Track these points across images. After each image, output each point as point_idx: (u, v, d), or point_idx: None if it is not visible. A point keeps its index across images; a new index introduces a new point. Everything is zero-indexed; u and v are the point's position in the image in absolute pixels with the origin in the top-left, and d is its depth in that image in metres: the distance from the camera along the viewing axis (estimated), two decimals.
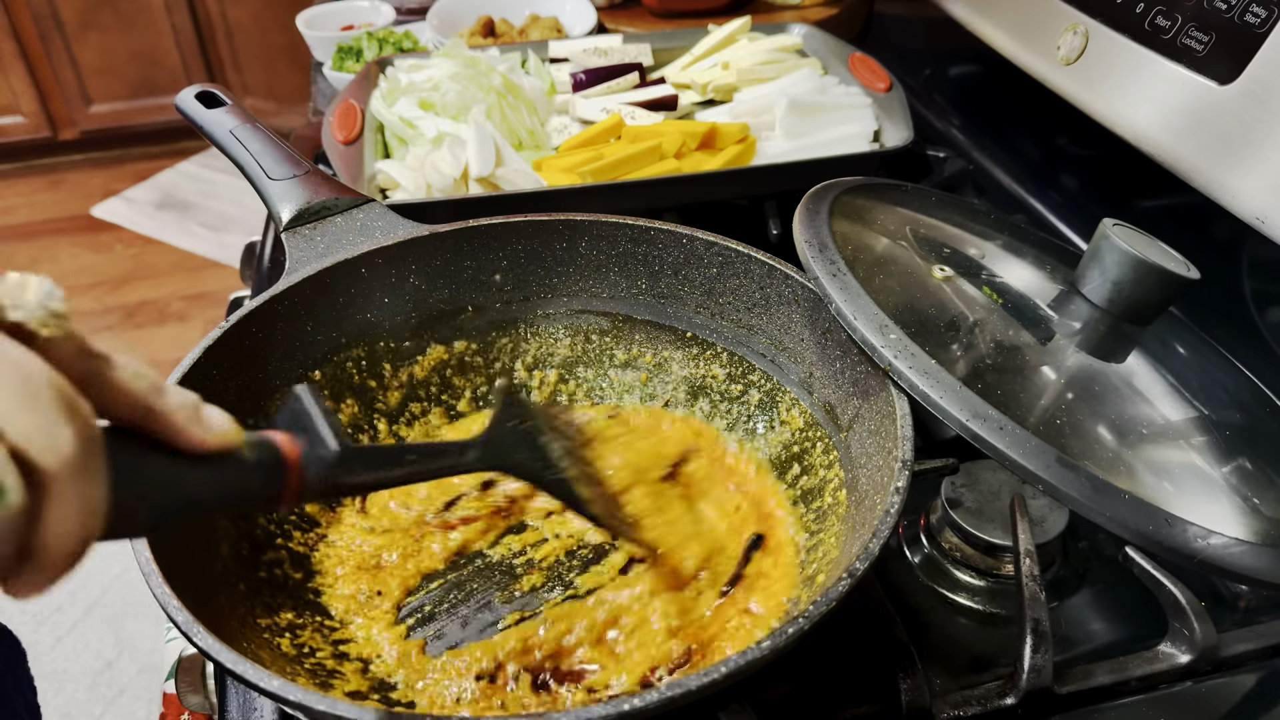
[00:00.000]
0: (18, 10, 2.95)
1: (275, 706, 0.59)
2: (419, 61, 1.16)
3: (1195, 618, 0.60)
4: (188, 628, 0.46)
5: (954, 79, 1.29)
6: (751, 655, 0.45)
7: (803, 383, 0.73)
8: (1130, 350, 0.68)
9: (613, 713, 0.43)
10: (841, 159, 1.00)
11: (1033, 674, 0.57)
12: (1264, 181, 0.72)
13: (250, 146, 0.80)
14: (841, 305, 0.62)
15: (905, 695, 0.56)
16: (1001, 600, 0.68)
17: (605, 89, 1.14)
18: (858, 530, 0.58)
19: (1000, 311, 0.68)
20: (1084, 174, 1.06)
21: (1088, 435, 0.59)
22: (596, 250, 0.79)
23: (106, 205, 3.21)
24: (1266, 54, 0.73)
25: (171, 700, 0.91)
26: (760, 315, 0.75)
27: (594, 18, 1.39)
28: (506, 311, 0.80)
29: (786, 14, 1.40)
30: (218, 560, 0.59)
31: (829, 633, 0.49)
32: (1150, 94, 0.83)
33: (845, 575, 0.48)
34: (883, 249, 0.72)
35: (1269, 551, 0.54)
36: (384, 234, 0.76)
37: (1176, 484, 0.58)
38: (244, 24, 3.16)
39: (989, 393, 0.57)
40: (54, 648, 1.85)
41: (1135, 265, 0.66)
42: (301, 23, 1.44)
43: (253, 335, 0.68)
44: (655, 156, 1.01)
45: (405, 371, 0.77)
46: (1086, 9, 0.91)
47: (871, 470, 0.61)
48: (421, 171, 0.98)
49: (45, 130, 3.22)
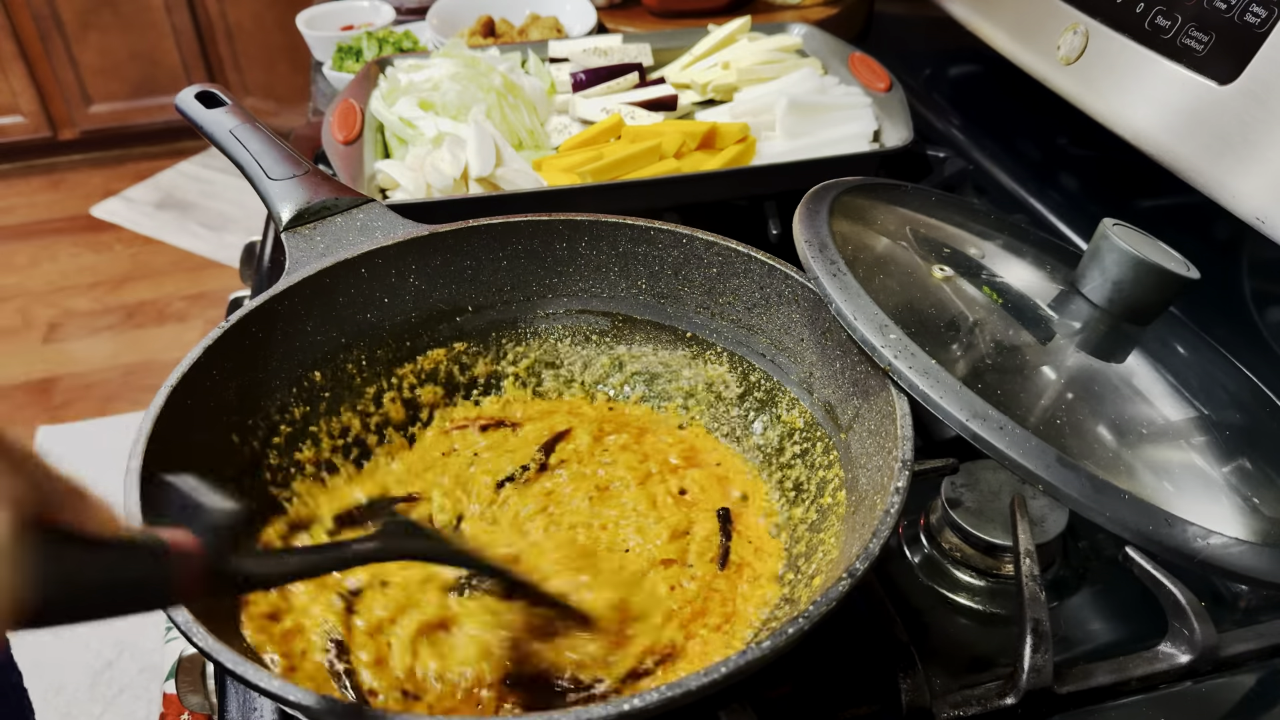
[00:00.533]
0: (17, 10, 2.95)
1: (275, 706, 0.59)
2: (419, 61, 1.16)
3: (1195, 618, 0.60)
4: (187, 628, 0.46)
5: (954, 79, 1.29)
6: (751, 655, 0.45)
7: (803, 383, 0.73)
8: (1130, 350, 0.68)
9: (613, 713, 0.43)
10: (841, 159, 1.00)
11: (1033, 674, 0.57)
12: (1264, 181, 0.72)
13: (250, 146, 0.80)
14: (841, 305, 0.62)
15: (905, 695, 0.56)
16: (1001, 600, 0.68)
17: (605, 89, 1.14)
18: (858, 530, 0.57)
19: (1000, 311, 0.68)
20: (1084, 174, 1.06)
21: (1088, 435, 0.59)
22: (596, 250, 0.79)
23: (106, 205, 3.21)
24: (1266, 54, 0.73)
25: (171, 700, 0.91)
26: (760, 315, 0.75)
27: (594, 18, 1.39)
28: (506, 311, 0.80)
29: (786, 14, 1.40)
30: None
31: (829, 633, 0.49)
32: (1150, 94, 0.83)
33: (845, 575, 0.48)
34: (883, 249, 0.72)
35: (1269, 551, 0.54)
36: (384, 234, 0.76)
37: (1176, 484, 0.58)
38: (244, 24, 3.17)
39: (989, 393, 0.57)
40: (54, 647, 1.85)
41: (1135, 265, 0.66)
42: (301, 23, 1.44)
43: (253, 335, 0.68)
44: (655, 156, 1.01)
45: (405, 371, 0.77)
46: (1086, 9, 0.91)
47: (871, 470, 0.61)
48: (421, 171, 0.98)
49: (45, 130, 3.22)
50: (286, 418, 0.70)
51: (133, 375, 2.57)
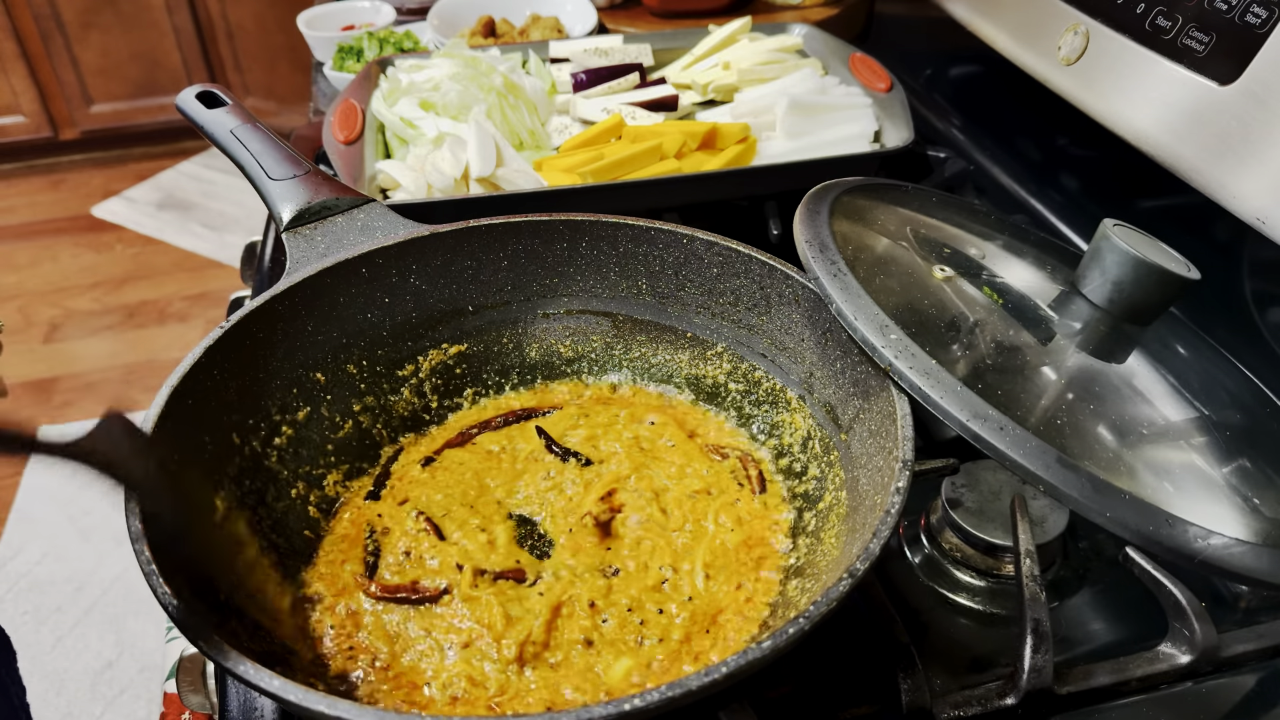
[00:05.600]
0: (19, 10, 2.95)
1: (275, 706, 0.59)
2: (420, 61, 1.16)
3: (1195, 618, 0.60)
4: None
5: (954, 79, 1.29)
6: (751, 655, 0.45)
7: (803, 383, 0.73)
8: (1130, 350, 0.68)
9: (613, 712, 0.43)
10: (842, 159, 1.00)
11: (1033, 674, 0.57)
12: (1264, 182, 0.72)
13: (251, 147, 0.80)
14: (842, 305, 0.62)
15: (905, 695, 0.56)
16: (1002, 600, 0.68)
17: (606, 89, 1.14)
18: (858, 530, 0.58)
19: (1001, 312, 0.68)
20: (1084, 174, 1.06)
21: (1088, 435, 0.59)
22: (597, 250, 0.79)
23: (107, 205, 3.22)
24: (1267, 54, 0.73)
25: (172, 700, 0.91)
26: (761, 315, 0.75)
27: (594, 18, 1.39)
28: (507, 311, 0.80)
29: (787, 14, 1.40)
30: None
31: (829, 633, 0.49)
32: (1151, 94, 0.83)
33: (845, 575, 0.48)
34: (883, 249, 0.72)
35: (1269, 551, 0.54)
36: (384, 234, 0.76)
37: (1177, 484, 0.58)
38: (245, 24, 3.17)
39: (989, 393, 0.57)
40: (54, 647, 1.85)
41: (1135, 265, 0.66)
42: (302, 23, 1.44)
43: (253, 335, 0.68)
44: (655, 157, 1.01)
45: (406, 371, 0.77)
46: (1087, 9, 0.91)
47: (872, 470, 0.61)
48: (422, 171, 0.98)
49: (46, 130, 3.22)
50: (288, 418, 0.70)
51: (133, 375, 2.57)
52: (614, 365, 0.82)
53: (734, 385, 0.78)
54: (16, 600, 1.93)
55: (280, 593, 0.62)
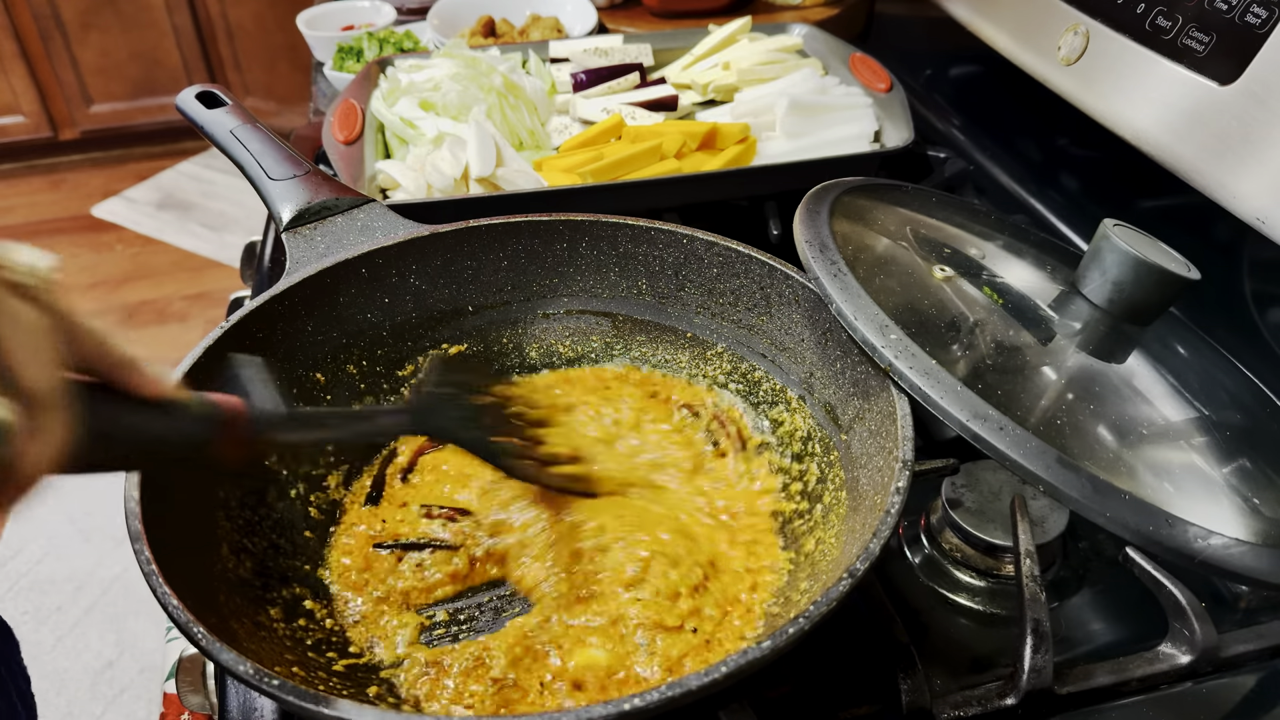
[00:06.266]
0: (18, 10, 2.95)
1: (275, 706, 0.59)
2: (419, 61, 1.16)
3: (1195, 618, 0.60)
4: (188, 628, 0.46)
5: (954, 79, 1.29)
6: (751, 655, 0.45)
7: (803, 383, 0.73)
8: (1130, 350, 0.68)
9: (613, 712, 0.43)
10: (842, 159, 1.00)
11: (1033, 674, 0.57)
12: (1264, 182, 0.72)
13: (251, 147, 0.80)
14: (842, 305, 0.62)
15: (905, 695, 0.56)
16: (1002, 600, 0.68)
17: (606, 89, 1.14)
18: (858, 530, 0.58)
19: (1001, 312, 0.68)
20: (1084, 174, 1.06)
21: (1088, 436, 0.59)
22: (597, 250, 0.79)
23: (107, 205, 3.21)
24: (1267, 55, 0.73)
25: (172, 700, 0.91)
26: (761, 315, 0.75)
27: (594, 18, 1.39)
28: (507, 312, 0.81)
29: (787, 14, 1.40)
30: (217, 560, 0.59)
31: (829, 633, 0.49)
32: (1151, 94, 0.83)
33: (845, 575, 0.48)
34: (883, 249, 0.72)
35: (1269, 551, 0.54)
36: (384, 234, 0.76)
37: (1177, 484, 0.58)
38: (245, 24, 3.17)
39: (989, 393, 0.57)
40: (55, 647, 1.85)
41: (1135, 265, 0.66)
42: (302, 23, 1.44)
43: (253, 335, 0.68)
44: (655, 157, 1.01)
45: (406, 371, 0.77)
46: (1087, 9, 0.91)
47: (872, 470, 0.61)
48: (422, 172, 0.98)
49: (46, 130, 3.22)
50: None
51: None
52: (614, 365, 0.81)
53: (734, 385, 0.78)
54: (17, 600, 1.93)
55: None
